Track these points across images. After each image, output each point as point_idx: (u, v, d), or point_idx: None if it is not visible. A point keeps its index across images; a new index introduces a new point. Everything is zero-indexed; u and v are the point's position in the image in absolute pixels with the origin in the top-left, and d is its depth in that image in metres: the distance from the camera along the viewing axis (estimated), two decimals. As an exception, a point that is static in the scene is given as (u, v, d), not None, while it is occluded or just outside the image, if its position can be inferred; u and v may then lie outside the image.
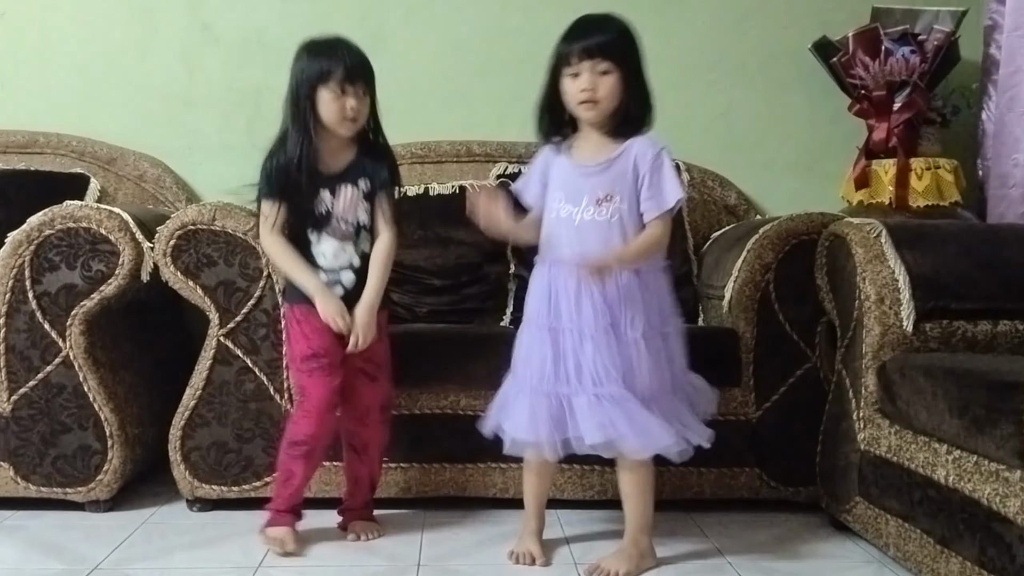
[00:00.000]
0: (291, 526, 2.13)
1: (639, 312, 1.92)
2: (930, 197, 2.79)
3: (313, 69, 2.06)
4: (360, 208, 2.12)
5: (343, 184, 2.11)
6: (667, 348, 1.97)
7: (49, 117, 2.99)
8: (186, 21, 3.03)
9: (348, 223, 2.11)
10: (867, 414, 2.11)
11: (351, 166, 2.13)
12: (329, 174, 2.11)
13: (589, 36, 1.90)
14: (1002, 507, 1.62)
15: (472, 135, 3.02)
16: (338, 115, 2.06)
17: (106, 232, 2.26)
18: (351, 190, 2.11)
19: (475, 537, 2.21)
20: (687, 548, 2.13)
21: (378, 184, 2.14)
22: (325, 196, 2.09)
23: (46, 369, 2.28)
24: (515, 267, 2.76)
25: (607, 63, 1.89)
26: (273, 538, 2.10)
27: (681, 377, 2.01)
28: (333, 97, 2.05)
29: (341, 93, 2.05)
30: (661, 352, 1.95)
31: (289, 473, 2.13)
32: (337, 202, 2.10)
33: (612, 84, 1.90)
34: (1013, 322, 2.06)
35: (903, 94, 2.84)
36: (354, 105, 2.06)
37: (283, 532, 2.11)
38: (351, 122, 2.08)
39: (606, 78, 1.89)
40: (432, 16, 3.07)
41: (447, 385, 2.35)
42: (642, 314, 1.92)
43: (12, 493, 2.31)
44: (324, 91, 2.05)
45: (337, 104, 2.05)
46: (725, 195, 3.02)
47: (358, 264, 2.12)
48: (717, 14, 3.10)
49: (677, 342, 2.00)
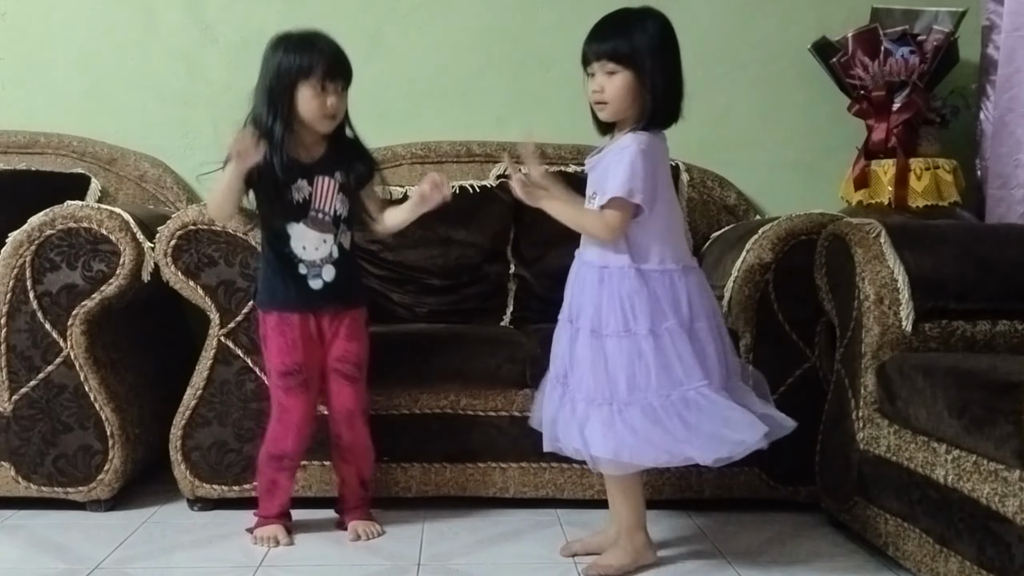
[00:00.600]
0: (281, 524, 2.16)
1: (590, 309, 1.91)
2: (929, 197, 2.80)
3: (293, 63, 2.04)
4: (337, 199, 2.11)
5: (319, 175, 2.10)
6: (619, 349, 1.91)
7: (50, 117, 2.99)
8: (186, 21, 3.03)
9: (326, 213, 2.10)
10: (866, 414, 2.11)
11: (325, 158, 2.12)
12: (304, 164, 2.09)
13: (601, 36, 1.90)
14: (1001, 507, 1.62)
15: (472, 135, 3.02)
16: (318, 112, 2.05)
17: (107, 232, 2.26)
18: (327, 181, 2.11)
19: (475, 537, 2.21)
20: (687, 548, 2.14)
21: (356, 179, 2.13)
22: (302, 185, 2.08)
23: (47, 369, 2.28)
24: (515, 267, 2.77)
25: (613, 64, 1.88)
26: (264, 537, 2.13)
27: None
28: (313, 94, 2.04)
29: (321, 90, 2.04)
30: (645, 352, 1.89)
31: (273, 484, 2.17)
32: (314, 192, 2.09)
33: (619, 85, 1.88)
34: (1012, 322, 2.07)
35: (902, 94, 2.84)
36: (334, 102, 2.05)
37: (273, 529, 2.14)
38: (330, 119, 2.07)
39: (614, 78, 1.88)
40: (432, 16, 3.07)
41: (447, 385, 2.35)
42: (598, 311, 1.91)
43: (13, 492, 2.31)
44: (304, 87, 2.04)
45: (317, 101, 2.04)
46: (725, 195, 3.03)
47: (338, 256, 2.12)
48: (717, 14, 3.10)
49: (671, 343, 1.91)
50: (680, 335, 1.89)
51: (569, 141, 2.85)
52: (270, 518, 2.17)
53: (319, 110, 2.05)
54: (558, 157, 2.87)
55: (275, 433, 2.15)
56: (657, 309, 1.89)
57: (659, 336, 1.88)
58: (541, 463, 2.33)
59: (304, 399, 2.13)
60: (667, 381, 1.87)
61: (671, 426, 1.85)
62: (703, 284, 1.98)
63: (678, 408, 1.86)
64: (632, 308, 1.88)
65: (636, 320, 1.88)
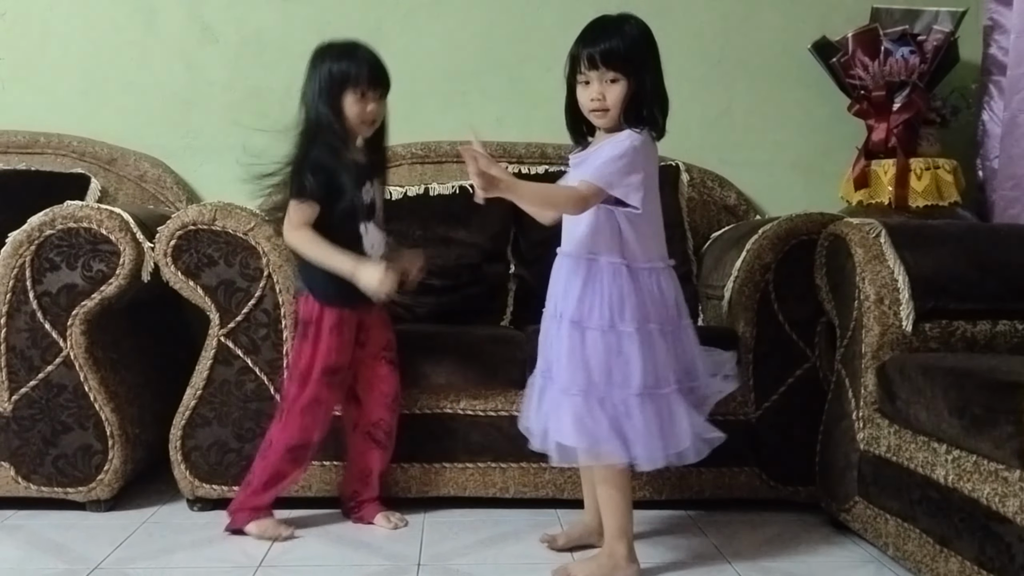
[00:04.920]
0: (271, 517, 2.20)
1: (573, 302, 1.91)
2: (929, 197, 2.80)
3: (340, 70, 2.11)
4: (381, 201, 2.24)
5: (372, 178, 2.20)
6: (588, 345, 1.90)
7: (49, 117, 2.99)
8: (186, 21, 3.03)
9: (381, 215, 2.22)
10: (866, 414, 2.11)
11: (370, 162, 2.21)
12: (364, 167, 2.18)
13: (599, 42, 1.87)
14: (1001, 507, 1.62)
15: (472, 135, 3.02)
16: (359, 117, 2.13)
17: (107, 232, 2.26)
18: (378, 183, 2.22)
19: (475, 537, 2.21)
20: (687, 548, 2.14)
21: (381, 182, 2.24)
22: (368, 187, 2.17)
23: (47, 369, 2.28)
24: (515, 267, 2.76)
25: (614, 72, 1.87)
26: (263, 531, 2.16)
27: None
28: (356, 99, 2.12)
29: (362, 96, 2.12)
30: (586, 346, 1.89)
31: (281, 475, 2.19)
32: (377, 194, 2.20)
33: (620, 92, 1.87)
34: (1012, 322, 2.07)
35: (902, 94, 2.84)
36: (374, 108, 2.14)
37: (269, 522, 2.18)
38: (370, 125, 2.16)
39: (615, 86, 1.87)
40: (432, 16, 3.07)
41: (447, 385, 2.35)
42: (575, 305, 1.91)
43: (13, 493, 2.31)
44: (349, 93, 2.12)
45: (359, 107, 2.12)
46: (725, 195, 3.03)
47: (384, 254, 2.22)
48: (717, 14, 3.11)
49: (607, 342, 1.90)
50: (662, 335, 1.89)
51: (569, 141, 2.84)
52: (261, 509, 2.19)
53: (359, 116, 2.13)
54: (558, 157, 2.87)
55: (301, 424, 2.17)
56: (643, 307, 1.88)
57: (645, 335, 1.87)
58: (541, 463, 2.33)
59: (338, 395, 2.21)
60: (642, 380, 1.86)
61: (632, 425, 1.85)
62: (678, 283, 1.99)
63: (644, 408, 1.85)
64: (620, 305, 1.88)
65: (623, 317, 1.87)
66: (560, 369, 1.91)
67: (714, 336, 2.41)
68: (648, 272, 1.91)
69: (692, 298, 2.69)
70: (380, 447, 2.26)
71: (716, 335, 2.41)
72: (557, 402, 1.90)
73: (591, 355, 1.88)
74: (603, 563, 1.92)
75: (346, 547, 2.13)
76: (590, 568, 1.93)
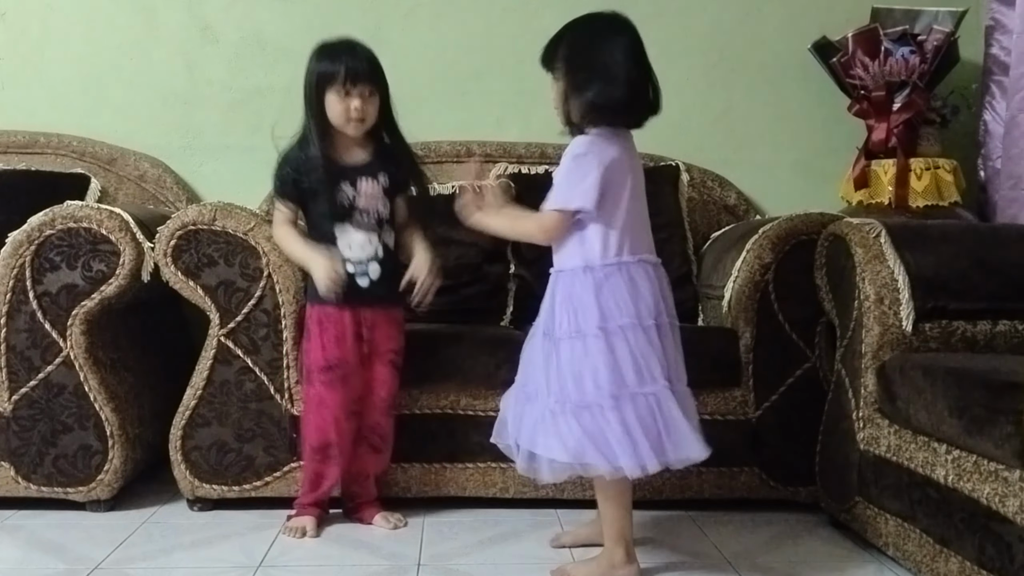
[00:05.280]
0: (316, 517, 2.22)
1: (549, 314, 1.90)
2: (929, 197, 2.80)
3: (319, 70, 2.14)
4: (380, 201, 2.20)
5: (363, 177, 2.18)
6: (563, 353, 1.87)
7: (49, 117, 2.99)
8: (186, 21, 3.03)
9: (370, 215, 2.19)
10: (866, 414, 2.11)
11: (370, 162, 2.20)
12: (346, 167, 2.18)
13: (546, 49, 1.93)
14: (1001, 507, 1.62)
15: (472, 135, 3.03)
16: (343, 116, 2.14)
17: (107, 232, 2.26)
18: (371, 183, 2.19)
19: (475, 537, 2.21)
20: (687, 548, 2.14)
21: (394, 183, 2.23)
22: (346, 188, 2.16)
23: (47, 369, 2.28)
24: (515, 267, 2.76)
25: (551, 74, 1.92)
26: (294, 527, 2.18)
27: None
28: (338, 98, 2.13)
29: (346, 95, 2.12)
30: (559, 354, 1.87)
31: (319, 476, 2.23)
32: (359, 194, 2.17)
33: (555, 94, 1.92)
34: (1012, 322, 2.06)
35: (902, 94, 2.84)
36: (358, 106, 2.13)
37: (306, 520, 2.20)
38: (357, 122, 2.15)
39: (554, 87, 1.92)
40: (432, 16, 3.07)
41: (447, 385, 2.35)
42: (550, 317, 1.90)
43: (13, 493, 2.31)
44: (330, 92, 2.13)
45: (342, 105, 2.13)
46: (725, 195, 3.03)
47: (383, 256, 2.20)
48: (717, 14, 3.10)
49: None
50: (635, 332, 1.83)
51: (569, 141, 2.84)
52: (306, 507, 2.23)
53: (344, 114, 2.14)
54: (558, 157, 2.84)
55: (315, 424, 2.20)
56: (607, 307, 1.84)
57: (610, 334, 1.82)
58: (541, 463, 2.33)
59: (343, 393, 2.19)
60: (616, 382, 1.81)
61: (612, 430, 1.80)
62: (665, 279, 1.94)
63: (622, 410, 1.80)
64: (582, 309, 1.85)
65: (586, 320, 1.84)
66: (538, 382, 1.90)
67: (714, 336, 2.42)
68: (617, 268, 1.85)
69: (692, 298, 2.69)
70: (376, 451, 2.27)
71: (716, 335, 2.43)
72: (538, 418, 1.88)
73: (564, 365, 1.85)
74: (601, 564, 1.93)
75: (346, 547, 2.13)
76: (588, 569, 1.93)
